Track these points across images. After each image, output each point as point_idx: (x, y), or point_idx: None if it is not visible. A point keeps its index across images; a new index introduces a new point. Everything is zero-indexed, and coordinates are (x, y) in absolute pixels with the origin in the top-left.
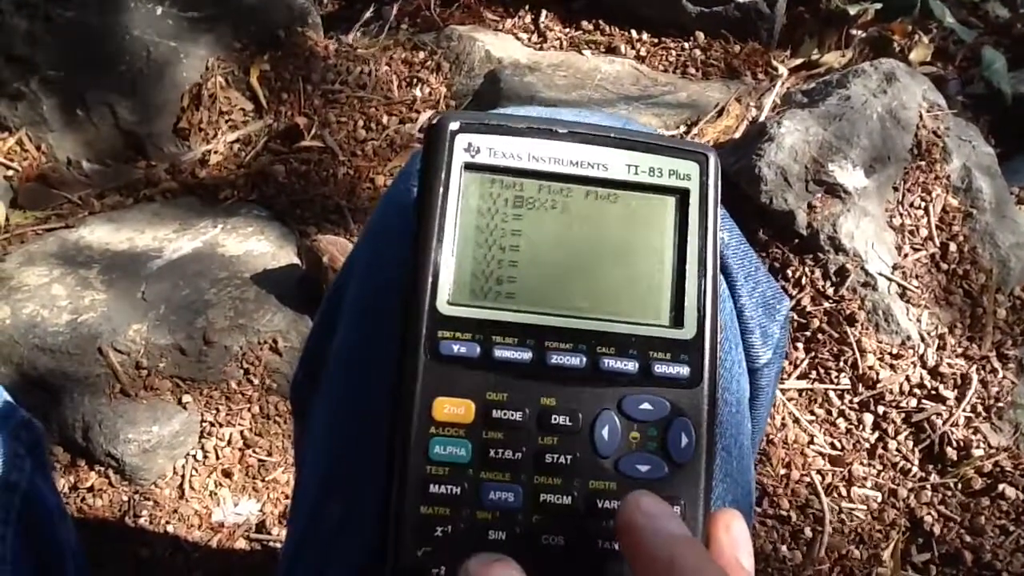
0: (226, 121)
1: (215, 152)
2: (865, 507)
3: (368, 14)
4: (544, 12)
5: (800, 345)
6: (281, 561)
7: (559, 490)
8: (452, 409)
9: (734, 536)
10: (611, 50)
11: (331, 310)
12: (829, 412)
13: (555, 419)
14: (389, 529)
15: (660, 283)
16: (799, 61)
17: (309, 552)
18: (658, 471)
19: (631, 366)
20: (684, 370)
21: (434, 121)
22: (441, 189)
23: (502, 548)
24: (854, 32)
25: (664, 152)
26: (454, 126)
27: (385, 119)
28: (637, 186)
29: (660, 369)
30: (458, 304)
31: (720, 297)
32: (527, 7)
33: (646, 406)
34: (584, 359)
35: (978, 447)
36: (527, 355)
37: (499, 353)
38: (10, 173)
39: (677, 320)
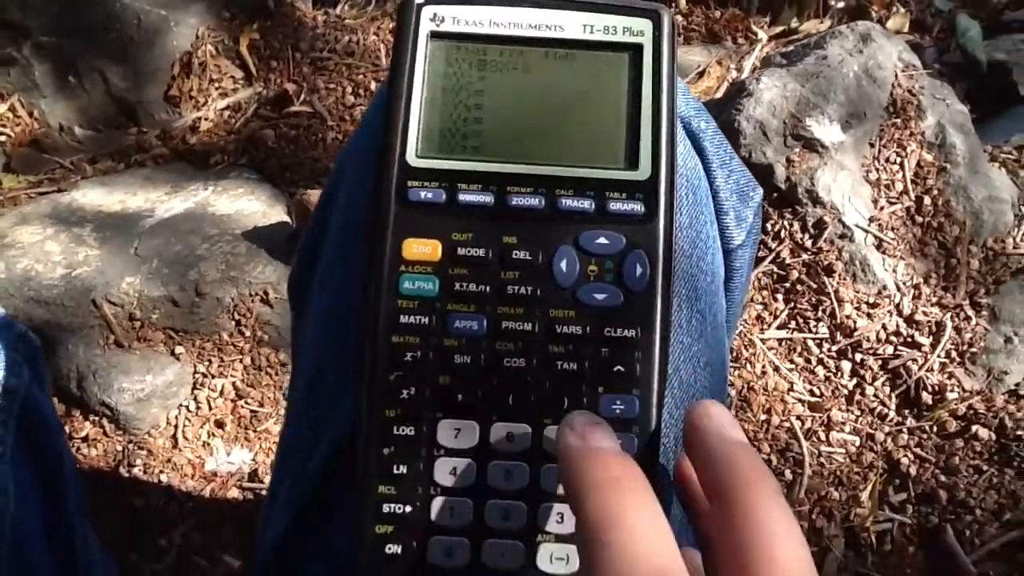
0: (216, 88)
1: (205, 119)
2: (843, 451)
3: None
4: None
5: (779, 296)
6: (285, 418)
7: (520, 318)
8: (420, 248)
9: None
10: None
11: (326, 208)
12: (808, 360)
13: (516, 254)
14: (364, 359)
15: (616, 131)
16: (779, 29)
17: (307, 419)
18: (614, 299)
19: (587, 205)
20: (639, 207)
21: None
22: (409, 56)
23: (467, 370)
24: (832, 2)
25: (618, 12)
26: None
27: (373, 85)
28: (593, 44)
29: (615, 207)
30: (426, 157)
31: (679, 144)
32: None
33: (602, 240)
34: (543, 200)
35: (952, 391)
36: (489, 199)
37: (463, 197)
38: (2, 139)
39: (632, 163)
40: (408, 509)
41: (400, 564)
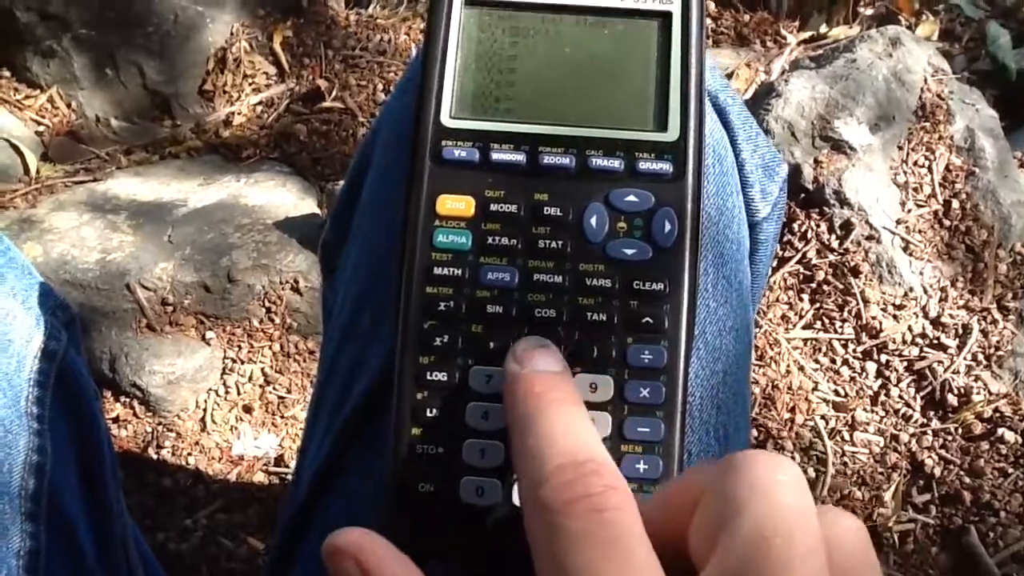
0: (249, 84)
1: (238, 113)
2: (867, 451)
3: None
4: None
5: (805, 296)
6: (316, 379)
7: (551, 271)
8: (454, 204)
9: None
10: None
11: (360, 169)
12: (833, 360)
13: (547, 211)
14: (399, 309)
15: (645, 95)
16: (808, 34)
17: (343, 360)
18: (643, 254)
19: (617, 164)
20: (667, 167)
21: None
22: (444, 23)
23: (499, 320)
24: (861, 8)
25: None
26: None
27: None
28: (623, 12)
29: (644, 166)
30: (460, 118)
31: (706, 111)
32: None
33: (631, 198)
34: (574, 160)
35: (978, 393)
36: (522, 157)
37: (496, 156)
38: (41, 129)
39: (661, 125)
40: (440, 450)
41: (434, 501)
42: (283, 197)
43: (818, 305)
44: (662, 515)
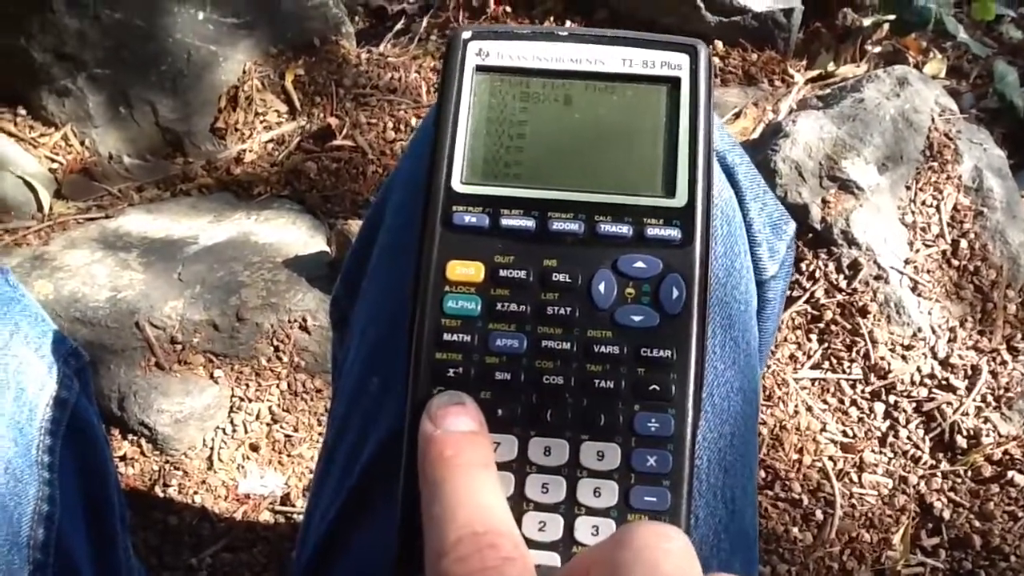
0: (261, 122)
1: (250, 151)
2: (876, 492)
3: (399, 27)
4: (568, 23)
5: (813, 336)
6: (325, 438)
7: (559, 338)
8: (464, 270)
9: None
10: None
11: (371, 229)
12: (841, 401)
13: (556, 277)
14: (408, 374)
15: (654, 160)
16: (815, 73)
17: (353, 422)
18: (651, 321)
19: (626, 230)
20: (675, 233)
21: (450, 33)
22: (456, 88)
23: (507, 387)
24: (869, 47)
25: (656, 47)
26: (467, 35)
27: (414, 121)
28: (632, 77)
29: (652, 232)
30: (470, 183)
31: (714, 173)
32: (552, 19)
33: (640, 264)
34: (583, 225)
35: (988, 435)
36: (531, 223)
37: (506, 222)
38: (55, 166)
39: (669, 191)
40: None
41: None
42: (293, 235)
43: (826, 345)
44: None
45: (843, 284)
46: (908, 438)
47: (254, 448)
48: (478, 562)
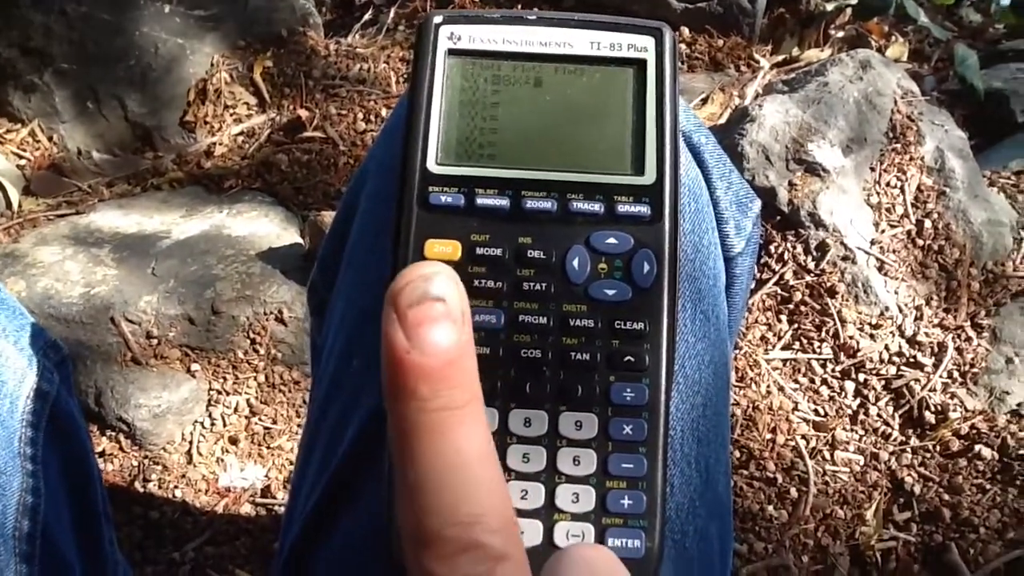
0: (231, 115)
1: (220, 144)
2: (848, 469)
3: (366, 17)
4: (535, 10)
5: (783, 317)
6: (306, 422)
7: (536, 313)
8: (441, 248)
9: None
10: None
11: (347, 215)
12: (812, 380)
13: (531, 254)
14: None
15: (622, 139)
16: (780, 57)
17: (335, 404)
18: (623, 295)
19: (597, 207)
20: (645, 209)
21: (421, 18)
22: (429, 71)
23: (486, 361)
24: (832, 31)
25: (623, 30)
26: (438, 19)
27: (384, 111)
28: (600, 60)
29: (623, 209)
30: (445, 164)
31: (681, 152)
32: (519, 6)
33: (611, 240)
34: (556, 204)
35: (955, 411)
36: (505, 202)
37: (481, 201)
38: (23, 162)
39: (638, 169)
40: None
41: None
42: (266, 227)
43: (796, 326)
44: None
45: (811, 265)
46: (878, 415)
47: (233, 441)
48: (466, 565)
